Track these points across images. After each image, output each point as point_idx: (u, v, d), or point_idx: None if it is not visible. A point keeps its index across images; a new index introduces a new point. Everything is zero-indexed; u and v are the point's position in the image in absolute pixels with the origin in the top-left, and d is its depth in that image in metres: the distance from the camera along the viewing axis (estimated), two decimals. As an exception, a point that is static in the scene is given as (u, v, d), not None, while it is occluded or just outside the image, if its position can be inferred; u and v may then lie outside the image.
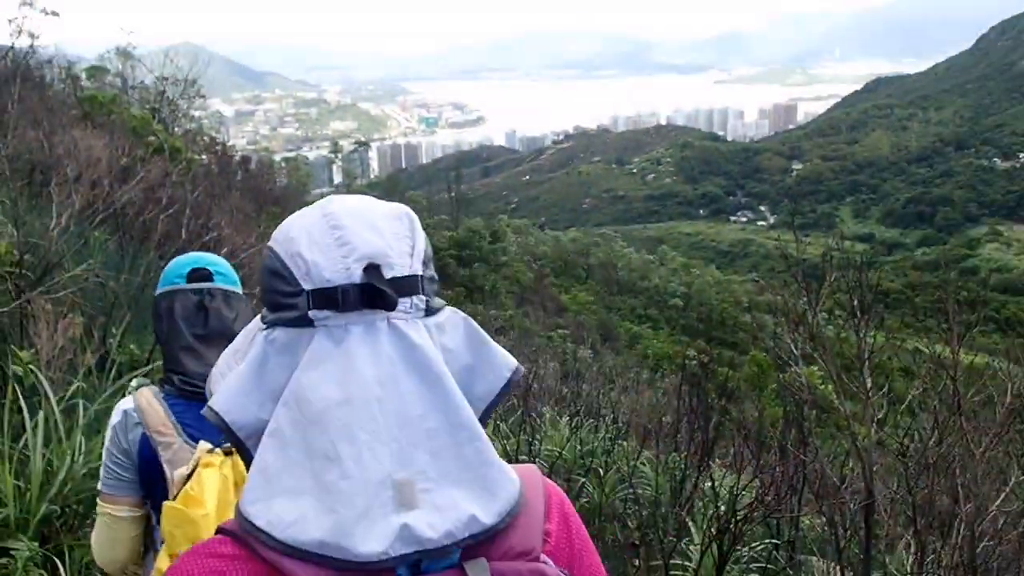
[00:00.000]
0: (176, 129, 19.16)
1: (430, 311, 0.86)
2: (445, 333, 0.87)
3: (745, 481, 4.85)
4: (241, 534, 0.79)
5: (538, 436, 6.67)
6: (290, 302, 0.84)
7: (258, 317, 0.93)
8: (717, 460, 6.93)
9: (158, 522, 1.70)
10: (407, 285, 0.84)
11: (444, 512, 0.78)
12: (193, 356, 1.82)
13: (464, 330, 0.89)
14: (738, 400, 11.54)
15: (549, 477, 4.42)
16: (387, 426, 0.78)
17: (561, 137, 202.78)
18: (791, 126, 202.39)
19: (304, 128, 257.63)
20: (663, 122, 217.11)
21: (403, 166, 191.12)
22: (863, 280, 4.96)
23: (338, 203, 0.88)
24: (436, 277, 0.90)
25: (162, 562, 1.73)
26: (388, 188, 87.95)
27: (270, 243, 0.89)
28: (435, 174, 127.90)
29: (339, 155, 72.74)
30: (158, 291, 1.92)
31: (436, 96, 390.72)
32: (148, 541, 1.91)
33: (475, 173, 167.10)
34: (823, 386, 7.55)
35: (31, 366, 3.86)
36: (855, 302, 4.81)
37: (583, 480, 6.18)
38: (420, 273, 0.86)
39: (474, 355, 0.89)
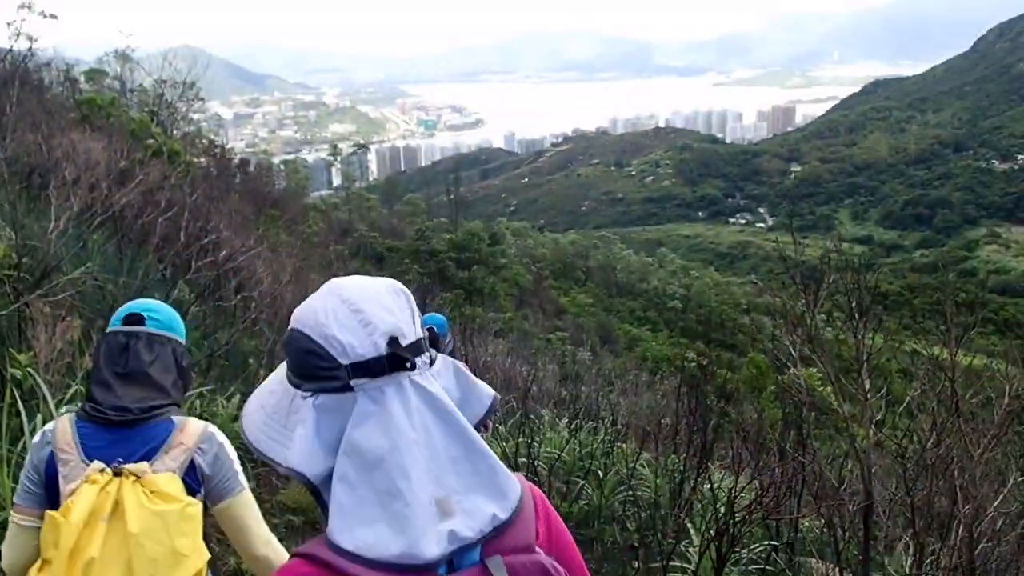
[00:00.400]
0: (175, 132, 19.17)
1: (431, 362, 1.11)
2: (440, 377, 1.12)
3: (743, 483, 4.85)
4: (323, 556, 1.02)
5: (537, 439, 6.67)
6: (330, 374, 1.05)
7: (282, 373, 1.15)
8: (716, 462, 6.94)
9: None
10: (417, 348, 1.08)
11: (474, 515, 1.04)
12: (104, 389, 2.03)
13: (453, 372, 1.16)
14: (737, 402, 11.54)
15: (548, 479, 4.44)
16: (424, 460, 1.03)
17: (560, 139, 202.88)
18: (789, 128, 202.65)
19: (303, 131, 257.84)
20: (662, 124, 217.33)
21: (402, 168, 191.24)
22: (861, 282, 4.97)
23: (348, 287, 1.10)
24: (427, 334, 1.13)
25: (32, 572, 1.89)
26: (387, 191, 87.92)
27: (296, 326, 1.10)
28: (434, 176, 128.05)
29: (338, 158, 72.76)
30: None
31: (435, 98, 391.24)
32: None
33: (474, 175, 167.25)
34: (822, 388, 7.55)
35: (29, 369, 3.86)
36: (853, 304, 4.82)
37: (582, 482, 6.18)
38: (422, 336, 1.10)
39: (462, 390, 1.15)
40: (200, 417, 4.52)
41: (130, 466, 1.92)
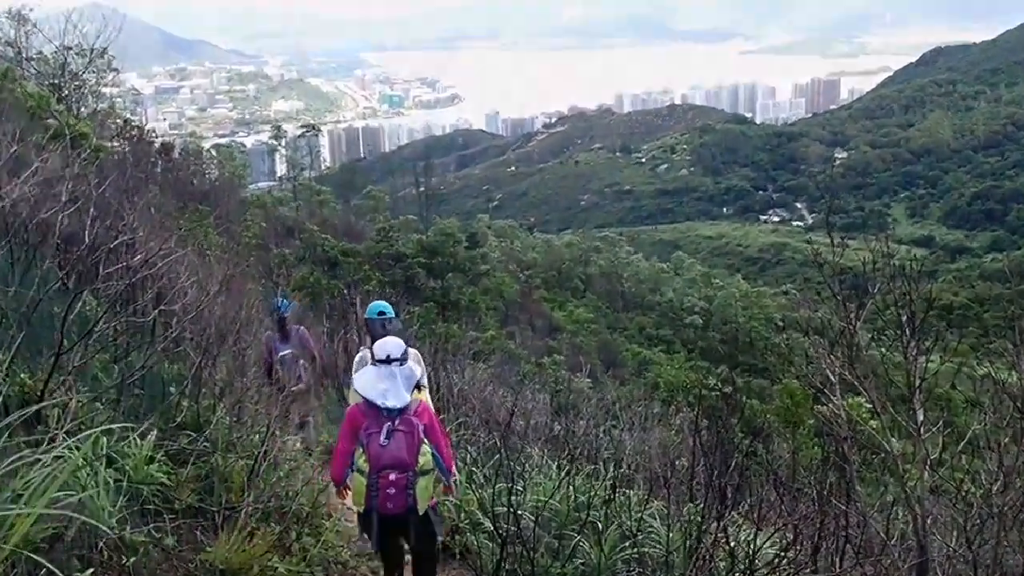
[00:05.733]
0: (81, 110, 19.14)
1: (402, 363, 5.79)
2: (406, 366, 5.81)
3: (770, 534, 4.85)
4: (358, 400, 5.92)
5: (522, 483, 6.67)
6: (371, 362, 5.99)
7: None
8: (742, 511, 6.95)
9: None
10: (397, 359, 5.76)
11: (391, 400, 5.51)
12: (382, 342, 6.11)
13: (412, 360, 6.13)
14: (768, 439, 11.57)
15: (533, 532, 4.49)
16: (384, 382, 5.67)
17: (554, 120, 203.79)
18: (833, 106, 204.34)
19: (240, 109, 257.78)
20: (678, 101, 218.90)
21: (361, 155, 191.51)
22: (915, 293, 4.99)
23: (381, 342, 5.99)
24: (407, 355, 5.92)
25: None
26: (343, 182, 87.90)
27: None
28: (400, 164, 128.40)
29: (283, 141, 72.56)
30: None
31: (402, 69, 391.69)
32: None
33: (449, 163, 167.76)
34: (870, 421, 7.58)
35: None
36: (905, 319, 4.85)
37: (577, 537, 6.18)
38: (399, 357, 5.76)
39: (413, 369, 5.98)
40: (108, 460, 4.55)
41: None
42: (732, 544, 4.65)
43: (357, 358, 8.02)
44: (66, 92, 18.44)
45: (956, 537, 4.90)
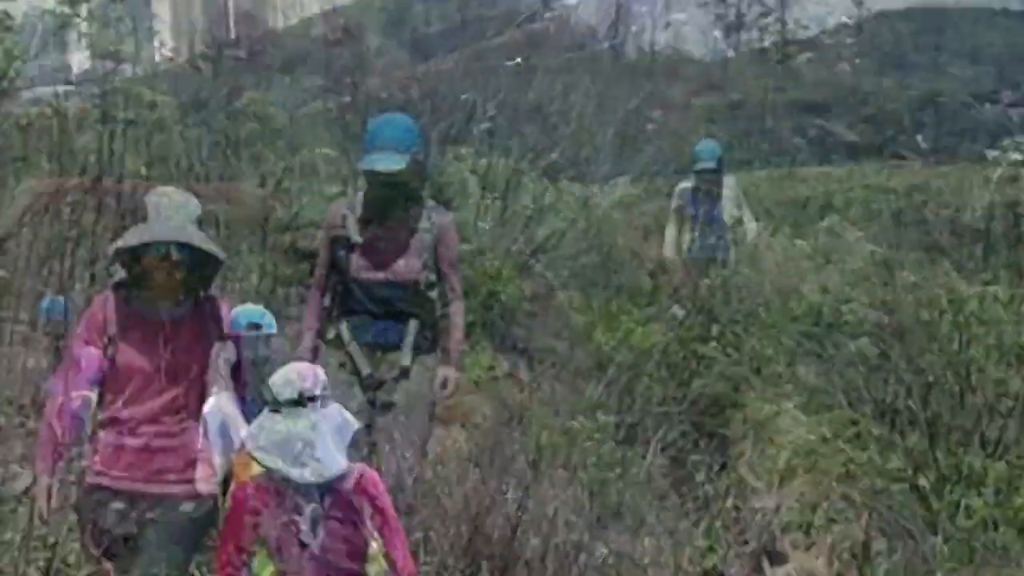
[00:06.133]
0: None
1: (323, 404, 5.42)
2: (330, 407, 5.51)
3: None
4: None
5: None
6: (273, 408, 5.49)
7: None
8: None
9: None
10: (311, 398, 5.36)
11: (319, 469, 5.16)
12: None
13: (339, 411, 5.64)
14: (1014, 562, 11.86)
15: None
16: (302, 437, 5.35)
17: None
18: None
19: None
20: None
21: (231, 32, 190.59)
22: None
23: (291, 366, 5.72)
24: (326, 392, 5.50)
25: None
26: (198, 86, 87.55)
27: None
28: (302, 50, 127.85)
29: (84, 8, 72.00)
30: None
31: None
32: None
33: (395, 47, 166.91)
34: None
35: None
36: None
37: None
38: (318, 394, 5.36)
39: (343, 416, 5.65)
40: None
41: None
42: None
43: (207, 408, 7.18)
44: None
45: None
